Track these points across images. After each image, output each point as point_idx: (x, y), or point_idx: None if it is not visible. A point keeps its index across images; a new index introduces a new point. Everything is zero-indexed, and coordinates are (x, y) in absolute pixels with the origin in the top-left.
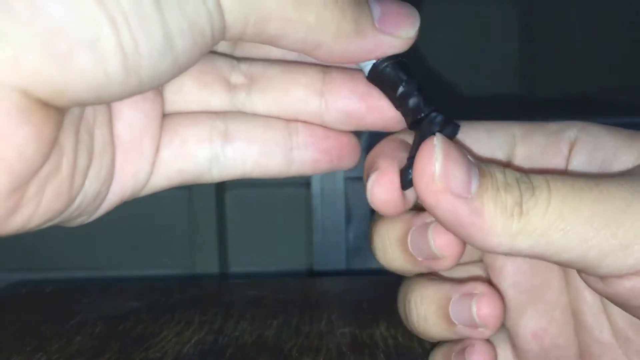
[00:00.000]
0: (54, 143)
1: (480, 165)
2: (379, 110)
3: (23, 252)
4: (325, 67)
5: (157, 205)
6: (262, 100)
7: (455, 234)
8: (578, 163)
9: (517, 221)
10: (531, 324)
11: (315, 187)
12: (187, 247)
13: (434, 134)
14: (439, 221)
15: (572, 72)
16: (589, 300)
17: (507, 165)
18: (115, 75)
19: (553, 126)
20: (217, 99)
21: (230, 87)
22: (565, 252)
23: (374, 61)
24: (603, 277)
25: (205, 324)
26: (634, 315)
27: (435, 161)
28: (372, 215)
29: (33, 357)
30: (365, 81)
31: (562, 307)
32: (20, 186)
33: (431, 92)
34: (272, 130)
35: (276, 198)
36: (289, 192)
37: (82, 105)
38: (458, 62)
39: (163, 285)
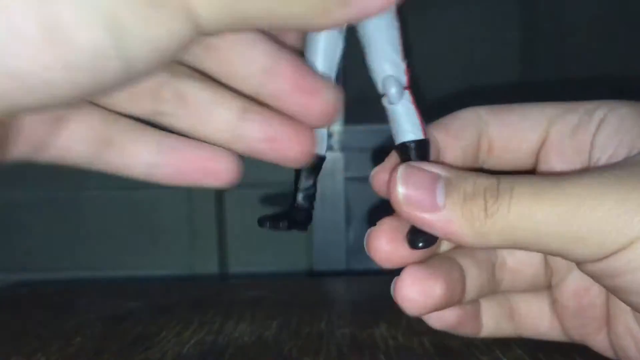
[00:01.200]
0: None
1: (450, 179)
2: (284, 152)
3: (23, 252)
4: (246, 104)
5: (156, 206)
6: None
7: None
8: (601, 144)
9: (483, 224)
10: (575, 283)
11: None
12: (186, 248)
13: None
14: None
15: (572, 70)
16: None
17: (480, 170)
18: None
19: (587, 105)
20: (139, 109)
21: (158, 100)
22: (532, 246)
23: None
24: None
25: (205, 325)
26: (614, 294)
27: (398, 187)
28: (373, 216)
29: (32, 357)
30: (281, 120)
31: None
32: None
33: (431, 89)
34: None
35: (276, 198)
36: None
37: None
38: (458, 59)
39: (162, 286)
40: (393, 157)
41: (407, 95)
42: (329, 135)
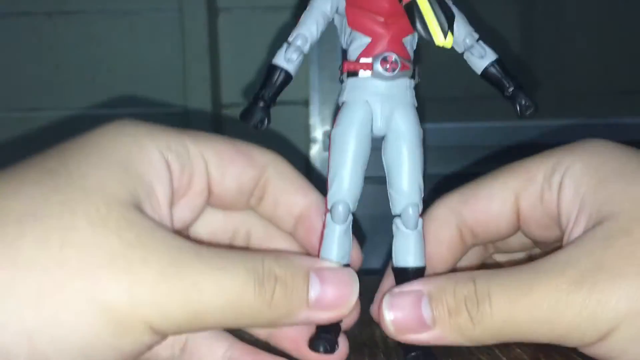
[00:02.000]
0: None
1: (432, 294)
2: None
3: None
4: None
5: None
6: None
7: None
8: (565, 211)
9: (472, 332)
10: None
11: None
12: None
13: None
14: None
15: (572, 70)
16: None
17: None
18: None
19: (545, 167)
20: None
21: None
22: (524, 340)
23: None
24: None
25: None
26: None
27: (386, 315)
28: (373, 216)
29: None
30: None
31: None
32: None
33: (431, 89)
34: None
35: None
36: None
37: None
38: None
39: None
40: (386, 283)
41: (421, 221)
42: (328, 137)
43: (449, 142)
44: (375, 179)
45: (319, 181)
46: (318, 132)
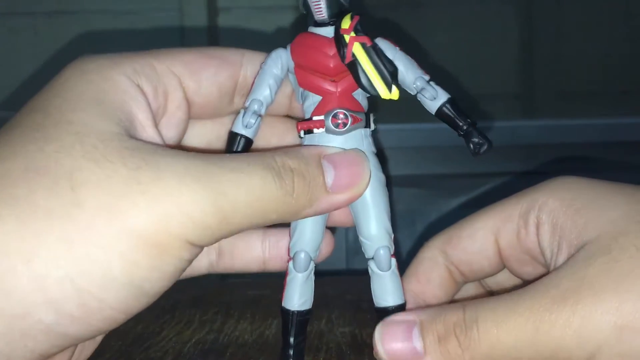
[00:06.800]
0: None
1: (423, 322)
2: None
3: None
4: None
5: None
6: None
7: None
8: (547, 246)
9: (461, 358)
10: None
11: None
12: None
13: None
14: None
15: (572, 70)
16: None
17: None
18: None
19: (521, 205)
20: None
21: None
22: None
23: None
24: None
25: (206, 324)
26: None
27: (379, 348)
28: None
29: None
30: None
31: None
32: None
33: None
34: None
35: None
36: None
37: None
38: (458, 62)
39: None
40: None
41: (394, 261)
42: None
43: (449, 142)
44: None
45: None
46: None
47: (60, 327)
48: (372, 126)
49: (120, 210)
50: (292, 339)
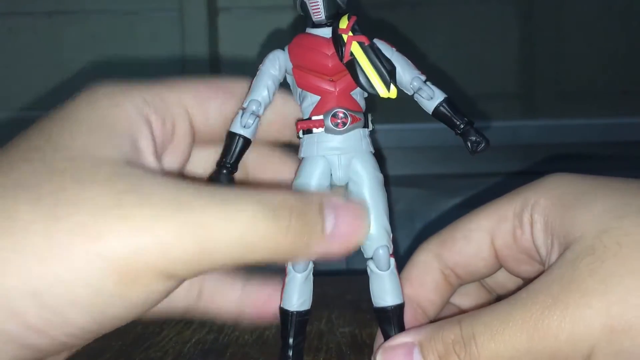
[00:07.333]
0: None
1: (422, 343)
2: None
3: None
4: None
5: None
6: None
7: None
8: (541, 245)
9: None
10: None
11: None
12: None
13: None
14: None
15: (572, 70)
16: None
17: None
18: None
19: (515, 205)
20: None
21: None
22: None
23: None
24: None
25: (206, 323)
26: None
27: None
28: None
29: None
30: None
31: None
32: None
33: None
34: None
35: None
36: None
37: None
38: (458, 62)
39: None
40: (379, 339)
41: (393, 261)
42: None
43: (448, 142)
44: None
45: None
46: None
47: (26, 340)
48: (370, 126)
49: (97, 234)
50: (291, 340)
